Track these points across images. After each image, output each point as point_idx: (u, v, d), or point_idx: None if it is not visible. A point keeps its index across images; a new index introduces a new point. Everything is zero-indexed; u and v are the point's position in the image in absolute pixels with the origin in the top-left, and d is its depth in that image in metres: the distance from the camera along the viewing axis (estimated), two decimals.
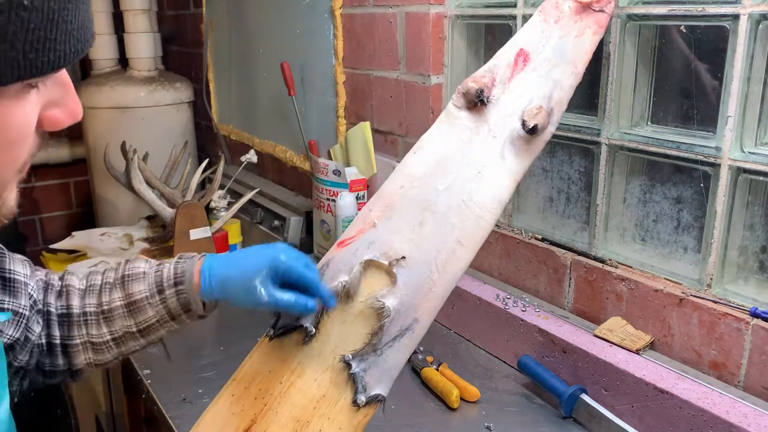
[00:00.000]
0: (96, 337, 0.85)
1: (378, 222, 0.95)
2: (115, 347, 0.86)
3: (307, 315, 0.87)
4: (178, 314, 0.86)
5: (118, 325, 0.85)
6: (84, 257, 1.75)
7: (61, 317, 0.85)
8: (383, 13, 1.56)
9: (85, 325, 0.85)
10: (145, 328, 0.86)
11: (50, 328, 0.84)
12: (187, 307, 0.85)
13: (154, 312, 0.85)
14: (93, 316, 0.85)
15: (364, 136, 1.68)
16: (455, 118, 0.99)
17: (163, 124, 2.44)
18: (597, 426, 1.07)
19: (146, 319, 0.85)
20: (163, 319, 0.86)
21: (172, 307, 0.85)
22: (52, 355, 0.85)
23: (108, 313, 0.85)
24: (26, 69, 0.47)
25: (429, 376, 1.22)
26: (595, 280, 1.21)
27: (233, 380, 0.88)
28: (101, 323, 0.85)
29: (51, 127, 0.55)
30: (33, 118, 0.52)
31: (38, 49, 0.47)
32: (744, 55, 0.95)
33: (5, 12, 0.44)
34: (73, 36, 0.49)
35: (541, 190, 1.35)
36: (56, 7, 0.47)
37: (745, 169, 0.98)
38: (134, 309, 0.85)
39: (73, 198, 3.07)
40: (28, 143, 0.53)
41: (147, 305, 0.85)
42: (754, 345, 0.98)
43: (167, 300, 0.85)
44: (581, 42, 0.99)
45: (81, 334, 0.85)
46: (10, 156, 0.52)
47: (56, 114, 0.55)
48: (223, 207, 1.89)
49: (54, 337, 0.84)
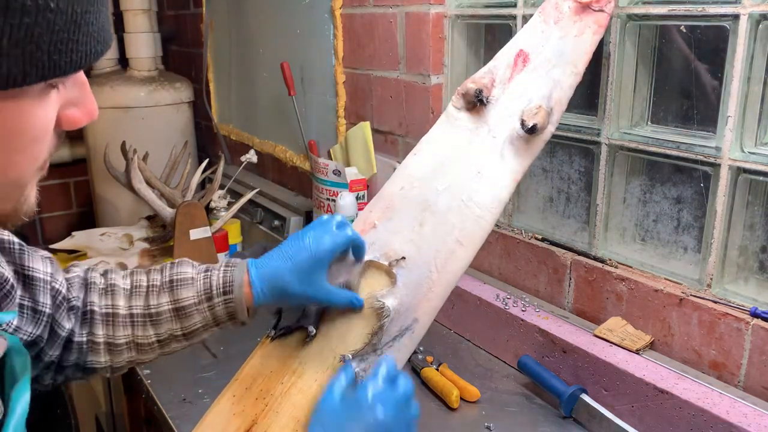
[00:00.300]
0: (141, 338, 0.86)
1: (378, 223, 0.95)
2: (159, 348, 0.87)
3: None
4: (224, 321, 0.87)
5: (164, 328, 0.86)
6: (84, 257, 1.75)
7: (105, 316, 0.86)
8: (383, 13, 1.56)
9: (131, 326, 0.86)
10: (190, 332, 0.87)
11: (93, 326, 0.85)
12: (232, 316, 0.86)
13: (201, 318, 0.86)
14: (140, 318, 0.86)
15: (364, 136, 1.68)
16: (455, 119, 0.99)
17: (163, 124, 2.44)
18: (597, 426, 1.07)
19: (192, 324, 0.86)
20: (208, 325, 0.87)
21: (218, 315, 0.86)
22: (95, 353, 0.85)
23: (156, 316, 0.86)
24: (50, 69, 0.49)
25: (429, 376, 1.22)
26: (595, 280, 1.21)
27: (235, 381, 0.89)
28: (148, 326, 0.86)
29: (69, 126, 0.57)
30: (53, 117, 0.54)
31: (62, 50, 0.49)
32: (744, 55, 0.95)
33: (32, 14, 0.46)
34: (94, 37, 0.51)
35: (541, 190, 1.35)
36: (79, 10, 0.49)
37: (745, 169, 0.98)
38: (182, 314, 0.86)
39: (73, 198, 3.07)
40: (48, 142, 0.55)
41: (195, 311, 0.85)
42: (754, 345, 0.98)
43: (215, 308, 0.86)
44: (581, 42, 0.99)
45: (126, 335, 0.86)
46: (31, 154, 0.54)
47: (74, 113, 0.56)
48: (223, 207, 1.89)
49: (97, 336, 0.85)
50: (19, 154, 0.52)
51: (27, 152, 0.53)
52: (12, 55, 0.46)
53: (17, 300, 0.75)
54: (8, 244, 0.77)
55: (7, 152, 0.52)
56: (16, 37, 0.45)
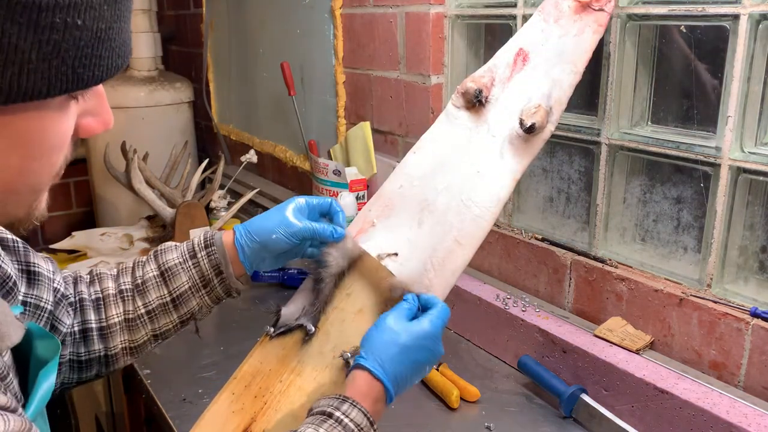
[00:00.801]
0: (131, 312, 0.87)
1: (377, 221, 0.95)
2: (149, 322, 0.88)
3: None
4: (210, 278, 0.88)
5: (152, 296, 0.88)
6: (84, 257, 1.75)
7: (96, 302, 0.88)
8: (383, 13, 1.56)
9: (122, 302, 0.88)
10: (178, 297, 0.88)
11: (84, 314, 0.87)
12: (218, 269, 0.88)
13: (187, 277, 0.88)
14: (129, 293, 0.88)
15: (364, 136, 1.68)
16: (455, 118, 0.99)
17: (163, 124, 2.44)
18: (597, 426, 1.07)
19: (179, 286, 0.88)
20: (195, 285, 0.88)
21: (204, 269, 0.88)
22: (87, 341, 0.86)
23: (142, 286, 0.88)
24: (73, 83, 0.51)
25: (429, 376, 1.22)
26: (595, 280, 1.21)
27: (234, 379, 0.89)
28: (136, 297, 0.88)
29: (85, 134, 0.59)
30: (71, 127, 0.56)
31: (86, 64, 0.51)
32: (744, 55, 0.95)
33: (60, 30, 0.48)
34: (116, 52, 0.53)
35: (541, 190, 1.35)
36: (104, 27, 0.51)
37: (745, 169, 0.98)
38: (167, 276, 0.88)
39: (73, 198, 3.07)
40: (65, 150, 0.57)
41: (180, 270, 0.88)
42: (754, 345, 0.98)
43: (200, 263, 0.88)
44: (581, 41, 0.99)
45: (118, 313, 0.87)
46: (49, 163, 0.56)
47: (90, 122, 0.58)
48: (223, 207, 1.89)
49: (89, 322, 0.86)
50: (37, 161, 0.54)
51: (45, 160, 0.55)
52: (39, 69, 0.48)
53: (20, 297, 0.77)
54: (12, 242, 0.78)
55: (26, 160, 0.53)
56: (43, 52, 0.47)
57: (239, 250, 0.88)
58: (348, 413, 0.71)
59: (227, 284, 0.89)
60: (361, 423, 0.71)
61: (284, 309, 0.91)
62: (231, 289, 0.90)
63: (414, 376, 0.80)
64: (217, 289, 0.89)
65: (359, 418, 0.71)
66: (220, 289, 0.89)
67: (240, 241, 0.88)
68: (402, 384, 0.78)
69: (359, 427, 0.70)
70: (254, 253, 0.89)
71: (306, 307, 0.90)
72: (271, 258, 0.91)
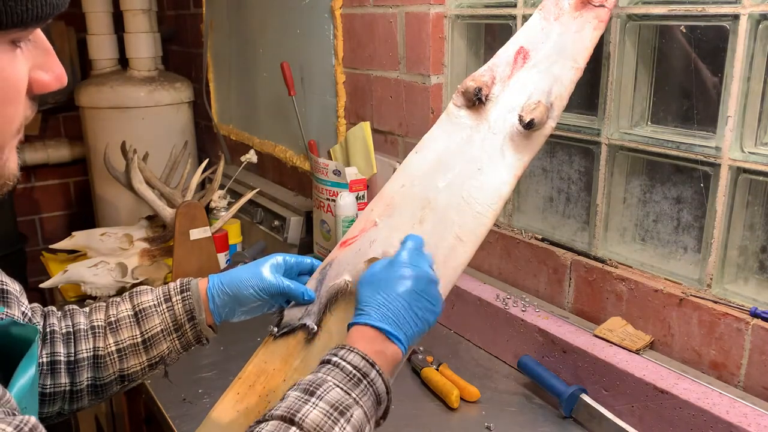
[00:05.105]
0: (102, 349, 0.86)
1: (379, 221, 0.95)
2: (118, 361, 0.87)
3: (306, 304, 0.91)
4: (182, 323, 0.88)
5: (124, 335, 0.87)
6: (84, 257, 1.75)
7: (66, 335, 0.87)
8: (383, 13, 1.56)
9: (93, 337, 0.87)
10: (150, 338, 0.87)
11: (54, 346, 0.85)
12: (191, 314, 0.88)
13: (160, 320, 0.88)
14: (101, 330, 0.87)
15: (364, 136, 1.68)
16: (455, 116, 1.00)
17: (163, 124, 2.44)
18: (597, 426, 1.07)
19: (151, 327, 0.87)
20: (167, 329, 0.88)
21: (177, 314, 0.88)
22: (54, 374, 0.84)
23: (115, 324, 0.87)
24: (7, 16, 0.51)
25: (429, 376, 1.22)
26: (595, 280, 1.21)
27: (238, 379, 0.89)
28: (108, 335, 0.87)
29: (40, 89, 0.59)
30: (23, 76, 0.57)
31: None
32: (744, 54, 0.95)
33: None
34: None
35: (541, 190, 1.36)
36: None
37: (745, 169, 0.98)
38: (141, 317, 0.88)
39: (73, 198, 3.07)
40: (22, 104, 0.58)
41: (154, 312, 0.88)
42: (754, 345, 0.98)
43: (173, 307, 0.88)
44: (581, 37, 0.99)
45: (87, 348, 0.86)
46: (5, 115, 0.56)
47: (43, 77, 0.59)
48: (223, 207, 1.88)
49: (58, 354, 0.85)
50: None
51: (1, 113, 0.55)
52: None
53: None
54: None
55: None
56: None
57: (210, 299, 0.89)
58: (344, 357, 0.71)
59: (198, 330, 0.89)
60: (358, 364, 0.71)
61: (287, 309, 0.91)
62: (201, 336, 0.90)
63: (407, 304, 0.77)
64: (188, 334, 0.89)
65: (356, 360, 0.71)
66: (191, 334, 0.89)
67: (212, 291, 0.89)
68: (399, 318, 0.76)
69: (356, 368, 0.70)
70: (225, 304, 0.89)
71: (309, 307, 0.91)
72: (242, 311, 0.91)
